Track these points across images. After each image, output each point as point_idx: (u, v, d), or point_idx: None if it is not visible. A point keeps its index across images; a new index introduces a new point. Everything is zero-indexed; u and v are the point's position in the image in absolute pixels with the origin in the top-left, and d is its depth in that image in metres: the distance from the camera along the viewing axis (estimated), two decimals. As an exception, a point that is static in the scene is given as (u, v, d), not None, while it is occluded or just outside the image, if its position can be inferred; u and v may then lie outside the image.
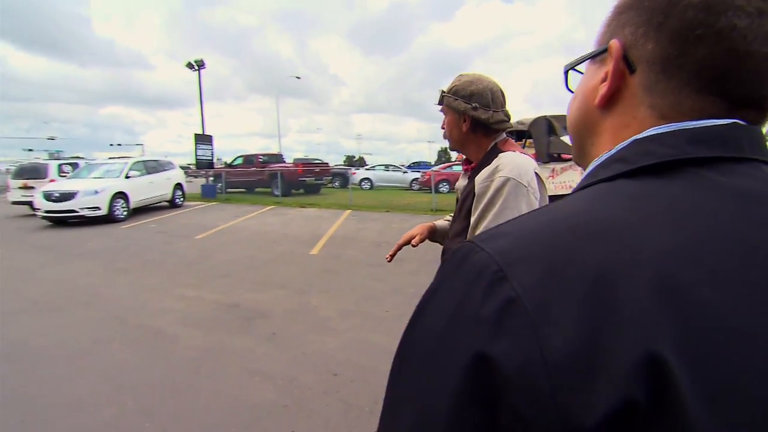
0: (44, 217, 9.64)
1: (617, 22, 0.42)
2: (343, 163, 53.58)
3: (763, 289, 0.29)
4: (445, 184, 17.32)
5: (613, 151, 0.40)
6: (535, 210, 0.40)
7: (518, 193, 1.19)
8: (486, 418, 0.30)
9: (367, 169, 22.62)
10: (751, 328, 0.27)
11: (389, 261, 1.53)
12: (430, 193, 14.82)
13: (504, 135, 1.40)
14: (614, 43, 0.41)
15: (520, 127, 6.32)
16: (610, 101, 0.43)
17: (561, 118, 5.99)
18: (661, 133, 0.38)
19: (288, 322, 3.80)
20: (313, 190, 17.40)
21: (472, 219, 1.27)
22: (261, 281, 5.06)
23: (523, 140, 6.88)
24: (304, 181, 16.58)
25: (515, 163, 1.24)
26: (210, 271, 5.57)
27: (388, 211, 11.65)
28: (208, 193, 15.70)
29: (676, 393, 0.26)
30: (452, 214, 1.67)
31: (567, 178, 5.79)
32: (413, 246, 1.51)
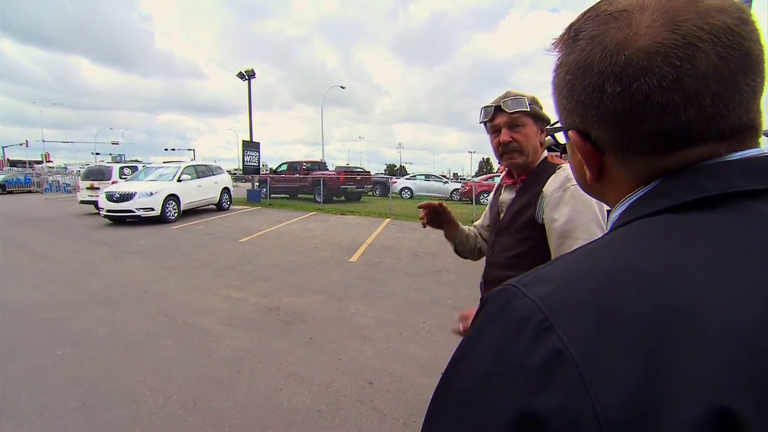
0: (106, 216, 10.37)
1: (564, 106, 0.43)
2: (384, 172, 53.99)
3: None
4: (485, 195, 17.06)
5: (654, 184, 0.39)
6: (577, 250, 0.39)
7: (594, 199, 1.23)
8: None
9: (407, 179, 22.63)
10: None
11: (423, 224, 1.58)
12: (470, 204, 14.61)
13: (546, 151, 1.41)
14: (573, 135, 0.43)
15: (568, 139, 6.11)
16: (600, 176, 0.44)
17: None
18: (709, 164, 0.36)
19: (326, 327, 3.85)
20: (354, 197, 17.62)
21: (558, 225, 1.25)
22: (301, 286, 5.18)
23: (570, 153, 6.67)
24: (345, 189, 16.84)
25: None
26: (253, 273, 5.77)
27: (427, 221, 11.58)
28: (253, 198, 16.29)
29: None
30: (479, 224, 1.70)
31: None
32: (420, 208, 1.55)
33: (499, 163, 1.48)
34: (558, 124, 0.55)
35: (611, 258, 0.34)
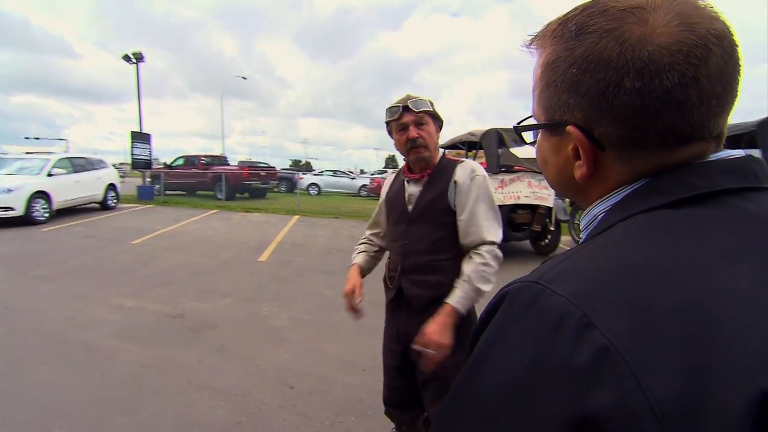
0: (-55, 218, 8.49)
1: (563, 102, 0.43)
2: (289, 168, 52.64)
3: None
4: (393, 191, 17.54)
5: (644, 182, 0.41)
6: (589, 246, 0.39)
7: (491, 188, 1.54)
8: None
9: (314, 174, 22.31)
10: None
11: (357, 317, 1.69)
12: (379, 199, 14.89)
13: None
14: (575, 131, 0.42)
15: (472, 139, 6.54)
16: (594, 173, 0.44)
17: (511, 132, 6.27)
18: (695, 164, 0.40)
19: (238, 332, 3.62)
20: (258, 194, 16.87)
21: (467, 209, 1.48)
22: (207, 289, 4.79)
23: (474, 151, 7.13)
24: (249, 185, 16.04)
25: (478, 165, 1.56)
26: (149, 278, 5.19)
27: (337, 218, 11.55)
28: (144, 195, 14.66)
29: None
30: (370, 232, 1.87)
31: (515, 189, 6.06)
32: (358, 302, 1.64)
33: (404, 158, 1.62)
34: (528, 121, 0.55)
35: (630, 253, 0.35)
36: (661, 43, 0.36)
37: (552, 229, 6.61)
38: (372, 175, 24.86)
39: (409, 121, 1.50)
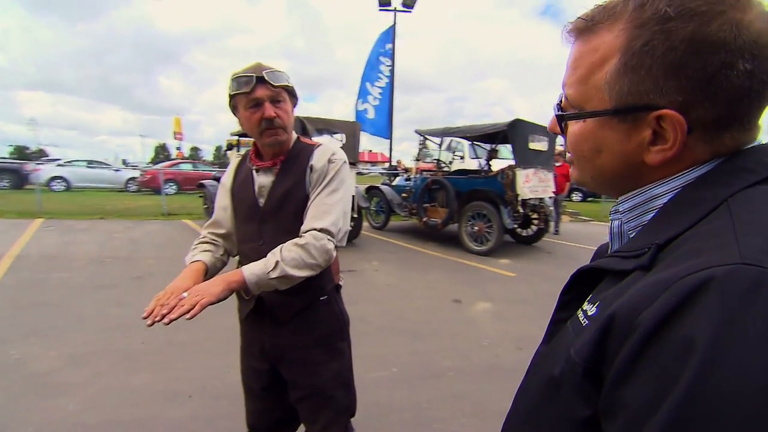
0: None
1: (653, 84, 0.43)
2: (10, 156, 39.72)
3: None
4: (172, 184, 15.49)
5: (718, 162, 0.44)
6: (736, 223, 0.38)
7: (348, 172, 1.39)
8: None
9: (60, 165, 17.51)
10: None
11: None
12: (154, 194, 12.77)
13: None
14: (675, 115, 0.42)
15: (274, 127, 6.26)
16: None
17: (314, 120, 6.29)
18: (759, 146, 0.45)
19: (-23, 393, 2.48)
20: (-36, 192, 12.14)
21: (318, 193, 1.30)
22: None
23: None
24: (-53, 180, 11.34)
25: (339, 149, 1.39)
26: None
27: (102, 218, 9.39)
28: None
29: None
30: (211, 230, 1.47)
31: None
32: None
33: (256, 140, 1.37)
34: (575, 112, 0.51)
35: None
36: (766, 29, 0.39)
37: (355, 216, 7.01)
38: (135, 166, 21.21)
39: (264, 97, 1.25)
